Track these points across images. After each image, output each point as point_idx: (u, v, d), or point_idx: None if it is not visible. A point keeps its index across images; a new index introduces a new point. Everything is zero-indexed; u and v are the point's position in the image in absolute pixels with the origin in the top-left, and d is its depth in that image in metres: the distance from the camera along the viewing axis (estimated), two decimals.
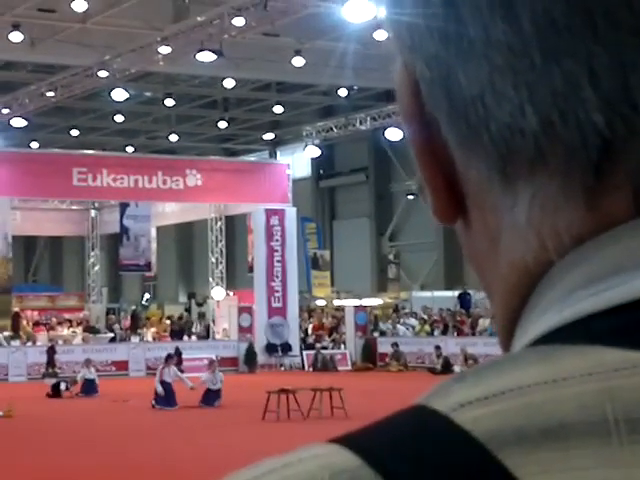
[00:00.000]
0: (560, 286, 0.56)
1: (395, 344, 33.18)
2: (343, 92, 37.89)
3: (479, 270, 0.63)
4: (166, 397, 22.08)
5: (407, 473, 0.50)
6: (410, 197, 44.95)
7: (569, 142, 0.55)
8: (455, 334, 33.26)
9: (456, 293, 37.79)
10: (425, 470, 0.50)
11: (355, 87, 37.74)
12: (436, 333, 34.38)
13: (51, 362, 28.00)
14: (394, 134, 36.35)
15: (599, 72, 0.54)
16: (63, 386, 25.68)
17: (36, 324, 37.69)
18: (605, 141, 0.54)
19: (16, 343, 32.73)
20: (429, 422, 0.52)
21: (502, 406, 0.51)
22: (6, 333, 33.04)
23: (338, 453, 0.52)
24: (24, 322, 36.17)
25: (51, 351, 29.62)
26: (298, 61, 31.78)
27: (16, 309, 36.11)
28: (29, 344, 33.25)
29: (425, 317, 36.49)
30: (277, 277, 35.20)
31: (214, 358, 28.25)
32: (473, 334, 32.46)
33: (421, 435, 0.52)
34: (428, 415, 0.53)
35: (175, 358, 24.06)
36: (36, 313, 39.88)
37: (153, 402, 22.12)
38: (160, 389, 22.21)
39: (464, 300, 36.20)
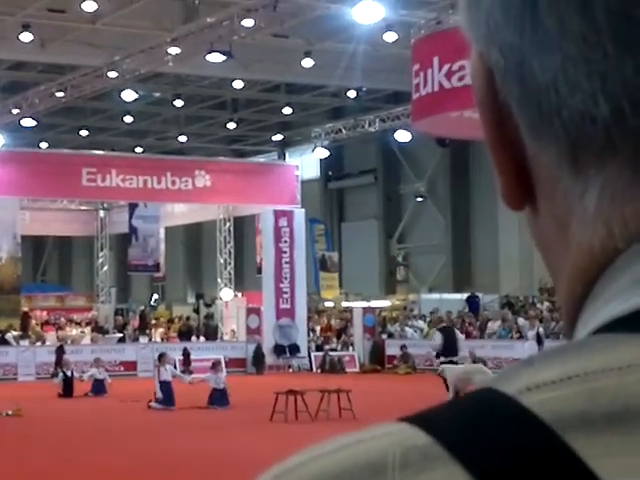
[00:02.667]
0: (625, 276, 0.57)
1: (403, 346, 33.16)
2: (352, 93, 37.90)
3: (546, 254, 0.64)
4: (165, 398, 22.10)
5: (475, 452, 0.52)
6: (419, 199, 44.94)
7: None
8: (463, 337, 33.18)
9: (464, 296, 37.75)
10: (492, 449, 0.52)
11: (364, 88, 37.74)
12: None
13: (60, 362, 28.02)
14: (403, 136, 36.36)
15: None
16: (76, 374, 25.73)
17: (45, 324, 37.75)
18: None
19: (25, 343, 32.77)
20: (497, 404, 0.54)
21: (568, 391, 0.53)
22: (15, 333, 33.10)
23: (409, 431, 0.54)
24: (33, 322, 36.23)
25: (60, 351, 29.65)
26: (307, 62, 31.81)
27: (25, 309, 36.18)
28: (38, 344, 33.31)
29: (433, 319, 36.44)
30: (285, 278, 35.20)
31: (221, 359, 28.32)
32: (482, 337, 32.41)
33: (489, 416, 0.54)
34: (496, 397, 0.55)
35: (167, 357, 24.03)
36: (45, 313, 39.96)
37: (152, 403, 22.10)
38: (159, 391, 22.21)
39: (472, 303, 36.16)
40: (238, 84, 36.15)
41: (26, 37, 28.77)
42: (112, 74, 32.08)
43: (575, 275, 0.60)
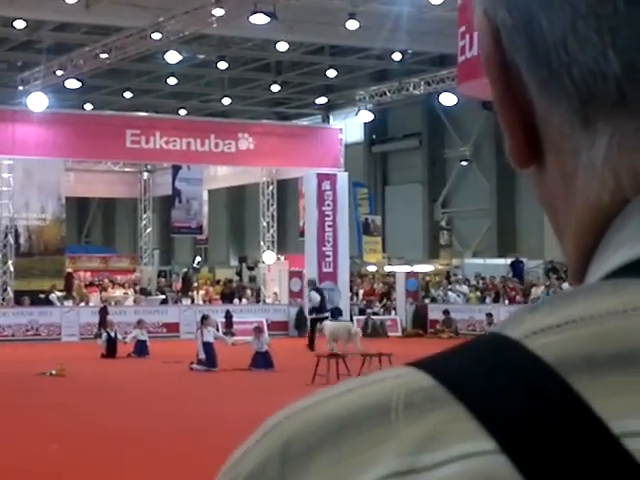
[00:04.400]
0: (635, 223, 0.58)
1: (446, 311, 33.00)
2: (397, 56, 37.54)
3: (552, 213, 0.65)
4: (208, 359, 22.12)
5: (478, 393, 0.53)
6: (464, 163, 44.61)
7: None
8: (507, 302, 33.01)
9: (509, 261, 37.48)
10: (496, 391, 0.53)
11: (409, 51, 37.40)
12: (488, 301, 34.15)
13: (103, 323, 28.16)
14: (448, 99, 36.00)
15: None
16: (119, 336, 25.89)
17: (89, 285, 37.97)
18: None
19: (69, 303, 32.99)
20: (501, 347, 0.55)
21: (573, 334, 0.54)
22: (59, 293, 33.32)
23: (414, 374, 0.56)
24: (77, 283, 36.44)
25: (103, 312, 29.80)
26: (352, 24, 31.50)
27: (69, 270, 36.38)
28: (82, 304, 33.52)
29: (476, 284, 36.26)
30: (328, 242, 35.11)
31: (264, 322, 28.28)
32: (525, 302, 32.18)
33: (493, 359, 0.54)
34: (501, 341, 0.56)
35: (210, 319, 24.04)
36: (88, 274, 40.17)
37: (194, 364, 22.12)
38: (202, 352, 22.23)
39: (517, 268, 35.91)
40: (282, 46, 35.92)
41: None
42: (156, 35, 31.97)
43: (583, 228, 0.61)
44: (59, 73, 36.14)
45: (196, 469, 10.56)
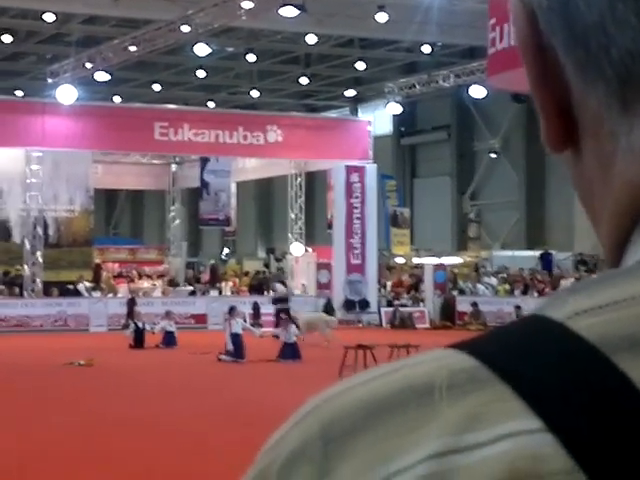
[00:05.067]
0: None
1: (474, 303, 32.89)
2: (427, 48, 37.40)
3: (587, 197, 0.64)
4: (236, 350, 22.12)
5: (523, 373, 0.53)
6: (493, 155, 44.42)
7: None
8: (536, 294, 32.86)
9: (537, 253, 37.31)
10: (540, 371, 0.53)
11: (439, 43, 37.27)
12: (516, 293, 34.01)
13: (131, 313, 28.26)
14: (478, 91, 35.82)
15: None
16: (147, 326, 25.96)
17: (117, 276, 38.09)
18: None
19: (97, 294, 33.13)
20: (544, 328, 0.55)
21: (615, 315, 0.54)
22: (87, 284, 33.45)
23: (456, 356, 0.55)
24: (105, 274, 36.58)
25: (131, 303, 29.90)
26: (381, 17, 31.40)
27: (97, 261, 36.52)
28: (110, 295, 33.64)
29: (505, 276, 36.11)
30: (356, 234, 35.07)
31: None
32: None
33: (536, 339, 0.54)
34: (544, 322, 0.55)
35: (238, 310, 24.06)
36: (117, 265, 40.29)
37: (222, 355, 22.14)
38: (230, 343, 22.24)
39: (546, 260, 35.74)
40: (311, 39, 35.87)
41: None
42: (185, 28, 31.99)
43: (621, 210, 0.60)
44: (88, 66, 36.22)
45: (226, 458, 10.56)
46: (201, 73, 41.98)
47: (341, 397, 0.57)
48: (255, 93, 45.79)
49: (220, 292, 35.52)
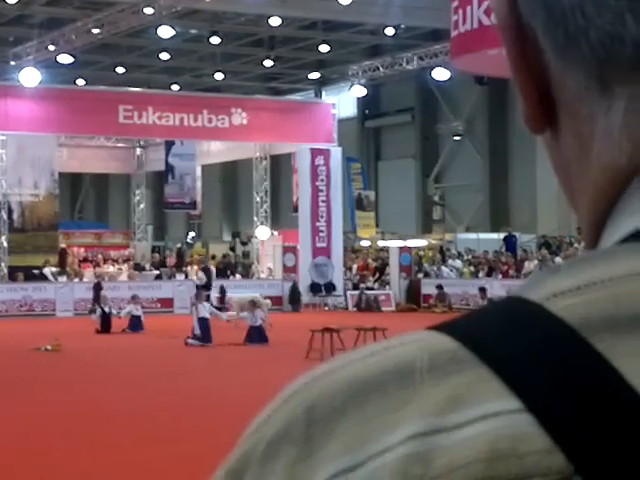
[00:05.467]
0: None
1: (439, 286, 33.10)
2: (390, 31, 37.50)
3: (566, 178, 0.64)
4: (203, 334, 22.18)
5: (502, 354, 0.53)
6: (456, 138, 44.63)
7: None
8: (500, 276, 33.12)
9: (501, 235, 37.57)
10: (519, 352, 0.53)
11: (402, 26, 37.34)
12: (481, 275, 34.26)
13: (97, 298, 28.22)
14: (441, 74, 35.98)
15: None
16: (114, 311, 25.96)
17: (83, 261, 37.98)
18: None
19: (63, 279, 33.02)
20: (523, 310, 0.55)
21: (593, 296, 0.54)
22: (53, 269, 33.34)
23: (437, 337, 0.56)
24: (71, 258, 36.45)
25: (97, 287, 29.85)
26: None
27: (63, 245, 36.38)
28: (76, 280, 33.55)
29: (470, 258, 36.34)
30: (322, 217, 35.17)
31: (257, 297, 28.26)
32: (518, 277, 32.29)
33: (515, 321, 0.55)
34: (522, 304, 0.56)
35: (203, 293, 24.09)
36: (82, 250, 40.17)
37: (189, 339, 22.19)
38: (197, 327, 22.29)
39: (509, 242, 35.98)
40: (275, 21, 35.85)
41: None
42: (148, 10, 31.89)
43: (599, 193, 0.60)
44: (51, 48, 36.04)
45: (194, 442, 10.63)
46: (165, 56, 41.85)
47: (323, 379, 0.57)
48: (219, 76, 45.69)
49: (186, 276, 35.52)
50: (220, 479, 0.59)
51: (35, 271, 32.75)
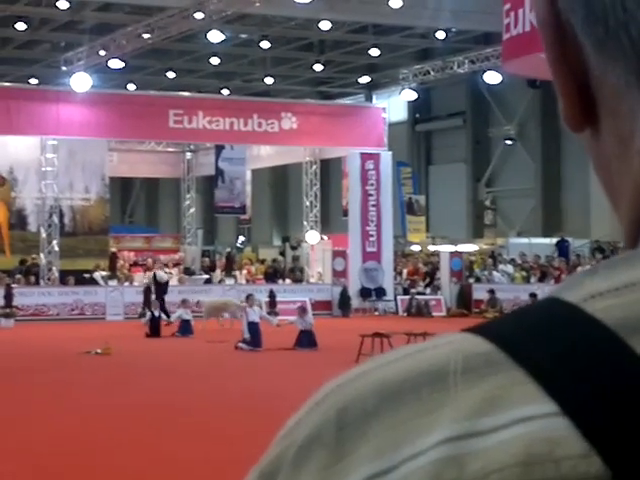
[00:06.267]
0: None
1: (491, 291, 32.78)
2: (441, 34, 37.23)
3: (606, 177, 0.63)
4: (253, 338, 22.07)
5: (538, 357, 0.52)
6: (508, 142, 44.23)
7: None
8: (552, 282, 32.73)
9: (554, 240, 37.15)
10: (555, 354, 0.52)
11: (453, 29, 37.08)
12: (533, 280, 33.87)
13: (147, 302, 28.25)
14: (493, 77, 35.66)
15: None
16: (164, 316, 26.04)
17: (133, 265, 38.08)
18: None
19: (113, 283, 33.11)
20: (560, 311, 0.54)
21: (632, 297, 0.53)
22: (104, 273, 33.44)
23: (471, 339, 0.55)
24: (121, 262, 36.56)
25: (147, 291, 29.87)
26: (395, 3, 31.26)
27: (113, 249, 36.51)
28: (126, 284, 33.62)
29: (521, 263, 35.95)
30: (372, 221, 34.98)
31: (307, 302, 28.16)
32: None
33: (551, 323, 0.54)
34: (558, 305, 0.55)
35: (254, 298, 24.00)
36: (132, 254, 40.29)
37: (239, 344, 22.09)
38: (247, 332, 22.19)
39: (562, 247, 35.58)
40: (325, 25, 35.73)
41: None
42: (199, 15, 31.89)
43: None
44: (102, 53, 36.18)
45: (241, 447, 10.51)
46: (215, 60, 41.90)
47: (355, 382, 0.56)
48: (269, 80, 45.67)
49: (235, 280, 35.48)
50: None
51: (86, 275, 32.87)
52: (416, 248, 42.20)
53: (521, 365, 0.52)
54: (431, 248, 41.57)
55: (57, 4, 33.19)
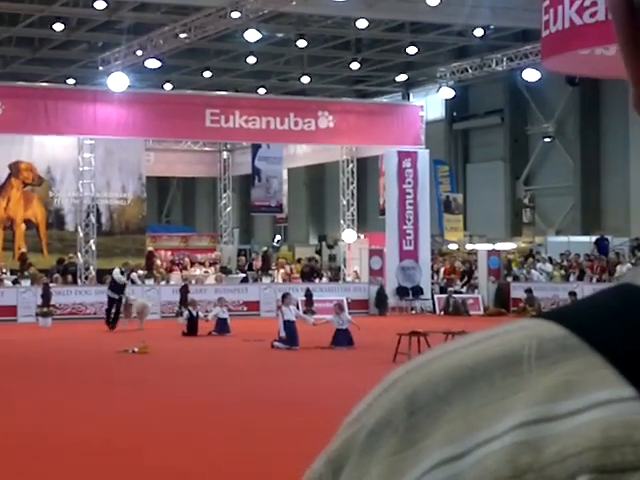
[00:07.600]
0: None
1: (529, 289, 32.51)
2: (479, 32, 36.96)
3: None
4: (289, 337, 22.00)
5: (614, 341, 0.52)
6: (547, 140, 43.87)
7: None
8: (591, 280, 32.41)
9: (593, 238, 36.81)
10: (631, 338, 0.51)
11: (491, 27, 36.80)
12: (571, 279, 33.56)
13: (184, 301, 28.27)
14: (531, 75, 35.39)
15: None
16: (201, 314, 26.00)
17: (171, 264, 38.14)
18: None
19: (150, 282, 33.15)
20: (633, 297, 0.54)
21: None
22: (140, 272, 33.49)
23: (545, 325, 0.55)
24: (158, 261, 36.62)
25: (184, 290, 29.89)
26: (433, 0, 31.05)
27: (150, 248, 36.59)
28: (163, 283, 33.66)
29: (560, 262, 35.65)
30: (409, 220, 34.81)
31: (343, 300, 28.05)
32: (610, 280, 31.55)
33: (625, 307, 0.53)
34: (632, 290, 0.54)
35: (290, 297, 23.90)
36: (169, 253, 40.37)
37: (275, 342, 22.02)
38: (283, 330, 22.11)
39: (601, 246, 35.24)
40: (362, 23, 35.59)
41: None
42: (235, 14, 31.87)
43: None
44: (139, 53, 36.27)
45: (278, 444, 10.43)
46: (252, 59, 41.85)
47: (425, 368, 0.56)
48: (306, 79, 45.57)
49: (272, 279, 35.44)
50: (320, 468, 0.58)
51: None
52: (453, 247, 41.98)
53: (596, 350, 0.51)
54: (468, 247, 41.33)
55: (94, 4, 33.28)
